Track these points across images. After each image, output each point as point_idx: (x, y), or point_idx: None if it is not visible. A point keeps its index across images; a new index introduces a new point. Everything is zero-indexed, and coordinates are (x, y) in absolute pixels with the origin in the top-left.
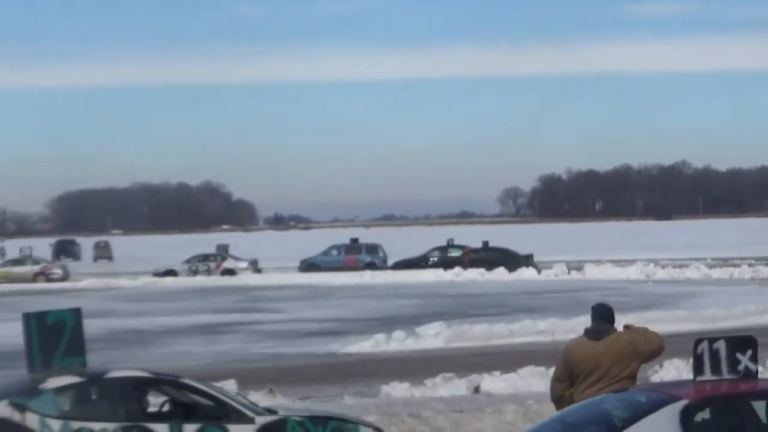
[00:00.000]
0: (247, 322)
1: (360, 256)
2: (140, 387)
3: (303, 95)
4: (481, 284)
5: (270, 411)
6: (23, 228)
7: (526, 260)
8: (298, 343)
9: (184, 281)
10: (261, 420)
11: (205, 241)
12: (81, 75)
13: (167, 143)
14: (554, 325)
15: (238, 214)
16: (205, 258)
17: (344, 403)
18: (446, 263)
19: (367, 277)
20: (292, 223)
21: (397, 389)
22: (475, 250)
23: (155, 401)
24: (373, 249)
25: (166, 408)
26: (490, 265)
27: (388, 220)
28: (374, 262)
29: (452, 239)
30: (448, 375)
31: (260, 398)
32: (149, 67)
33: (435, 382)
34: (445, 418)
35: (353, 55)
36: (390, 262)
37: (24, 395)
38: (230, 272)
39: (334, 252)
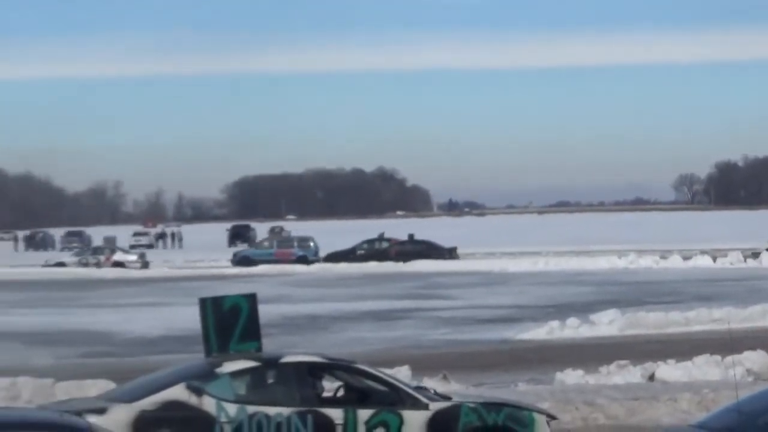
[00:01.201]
0: (422, 309)
1: (293, 249)
2: (315, 372)
3: (476, 81)
4: (656, 272)
5: (444, 397)
6: (200, 213)
7: (450, 253)
8: (473, 329)
9: (359, 267)
10: (435, 406)
11: (378, 227)
12: (258, 61)
13: (342, 129)
14: (730, 313)
15: (412, 200)
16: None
17: (518, 389)
18: (374, 255)
19: (541, 263)
20: (466, 210)
21: (571, 376)
22: (401, 243)
23: (330, 386)
24: (304, 242)
25: (340, 393)
26: (413, 258)
27: (563, 206)
28: (306, 255)
29: (383, 232)
30: (622, 362)
31: (434, 384)
32: (322, 55)
33: (609, 370)
34: (620, 406)
35: (525, 42)
36: (322, 255)
37: (201, 379)
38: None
39: (266, 244)
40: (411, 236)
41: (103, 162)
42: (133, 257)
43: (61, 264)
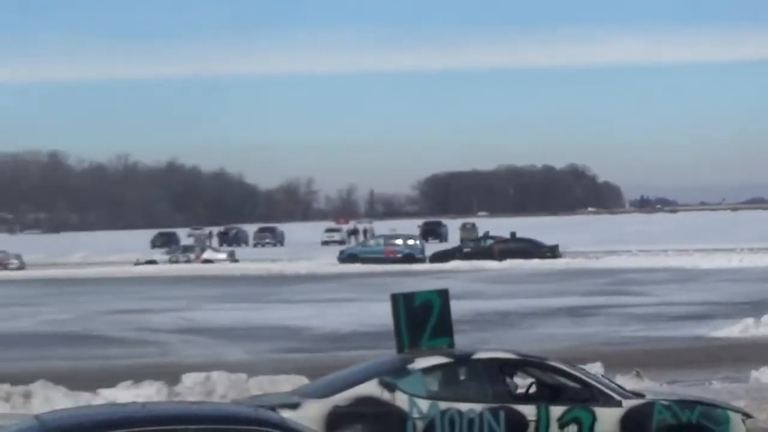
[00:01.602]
0: (614, 305)
1: (399, 247)
2: (507, 368)
3: (666, 76)
4: None
5: (637, 394)
6: (391, 210)
7: (552, 251)
8: (665, 326)
9: (551, 264)
10: (628, 403)
11: (569, 224)
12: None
13: (533, 126)
14: None
15: (603, 197)
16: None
17: (712, 388)
18: (479, 253)
19: (735, 260)
20: (658, 206)
21: (767, 375)
22: (504, 241)
23: (522, 383)
24: (410, 240)
25: (532, 390)
26: (516, 256)
27: (757, 203)
28: (412, 253)
29: (488, 231)
30: None
31: (627, 381)
32: (520, 51)
33: None
34: None
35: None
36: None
37: (393, 375)
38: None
39: (373, 243)
40: (513, 234)
41: (296, 159)
42: (222, 255)
43: (152, 262)
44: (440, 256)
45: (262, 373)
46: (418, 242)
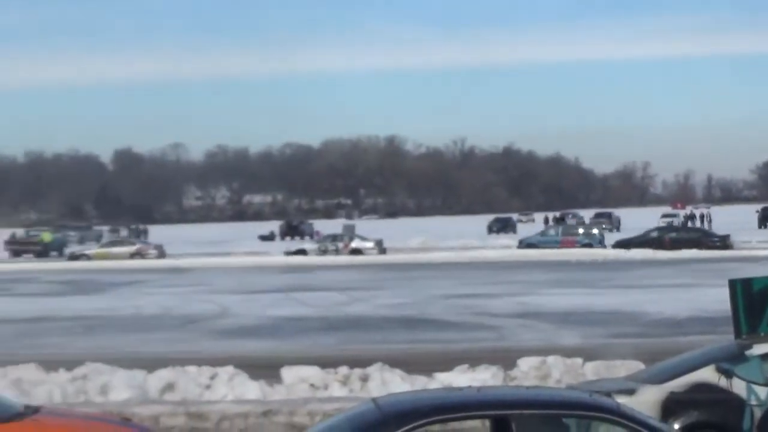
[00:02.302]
0: None
1: (577, 237)
2: None
3: None
4: None
5: None
6: (729, 195)
7: (722, 240)
8: None
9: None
10: None
11: None
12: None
13: None
14: None
15: None
16: None
17: None
18: (648, 243)
19: None
20: None
21: None
22: (676, 230)
23: None
24: (589, 229)
25: None
26: (687, 246)
27: None
28: (590, 242)
29: (672, 221)
30: None
31: None
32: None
33: None
34: None
35: None
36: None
37: (730, 361)
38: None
39: (552, 232)
40: (684, 224)
41: (632, 143)
42: (369, 244)
43: (301, 251)
44: (622, 245)
45: (598, 358)
46: (596, 232)
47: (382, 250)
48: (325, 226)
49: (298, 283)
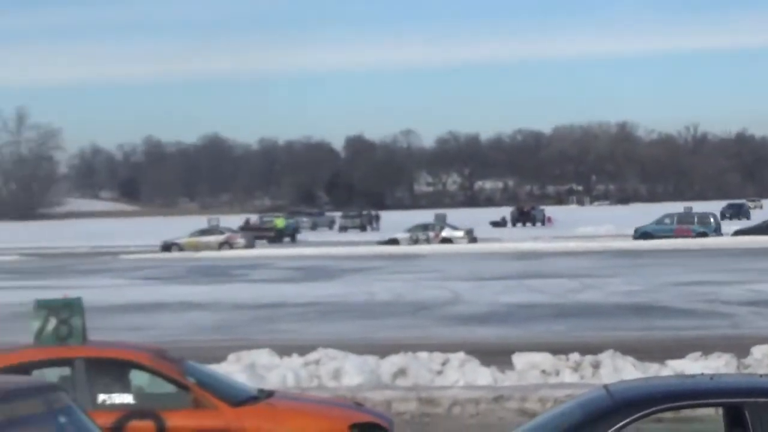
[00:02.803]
0: None
1: (692, 225)
2: None
3: None
4: None
5: None
6: None
7: None
8: None
9: None
10: None
11: None
12: None
13: None
14: None
15: None
16: None
17: None
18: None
19: None
20: None
21: None
22: None
23: None
24: (704, 218)
25: None
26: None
27: None
28: (705, 231)
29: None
30: None
31: None
32: None
33: None
34: None
35: None
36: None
37: None
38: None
39: (667, 221)
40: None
41: None
42: (459, 233)
43: (394, 241)
44: (742, 234)
45: None
46: (712, 220)
47: (473, 239)
48: (556, 212)
49: (529, 270)
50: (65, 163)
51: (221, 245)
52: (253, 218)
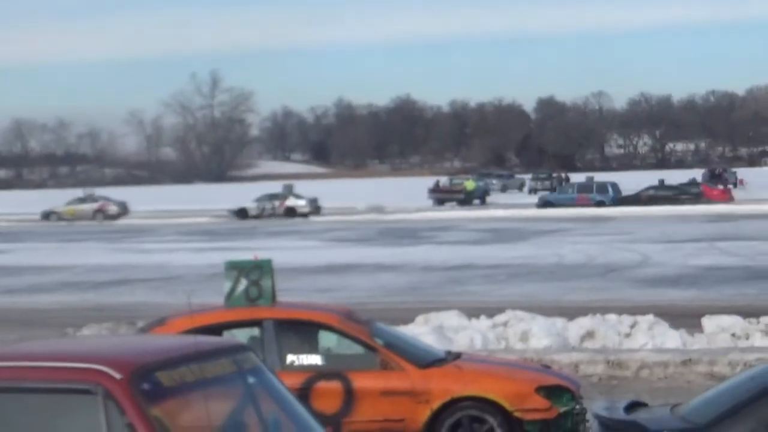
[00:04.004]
0: None
1: (591, 194)
2: None
3: None
4: None
5: None
6: None
7: (696, 197)
8: None
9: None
10: None
11: None
12: None
13: None
14: None
15: None
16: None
17: None
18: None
19: None
20: None
21: None
22: (654, 188)
23: None
24: (602, 187)
25: None
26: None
27: None
28: (603, 200)
29: (663, 180)
30: None
31: None
32: None
33: None
34: None
35: None
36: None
37: None
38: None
39: (569, 190)
40: (661, 181)
41: None
42: (302, 202)
43: (242, 211)
44: (624, 202)
45: None
46: (610, 189)
47: (316, 208)
48: (748, 174)
49: (721, 232)
50: (257, 126)
51: (95, 213)
52: (443, 180)
